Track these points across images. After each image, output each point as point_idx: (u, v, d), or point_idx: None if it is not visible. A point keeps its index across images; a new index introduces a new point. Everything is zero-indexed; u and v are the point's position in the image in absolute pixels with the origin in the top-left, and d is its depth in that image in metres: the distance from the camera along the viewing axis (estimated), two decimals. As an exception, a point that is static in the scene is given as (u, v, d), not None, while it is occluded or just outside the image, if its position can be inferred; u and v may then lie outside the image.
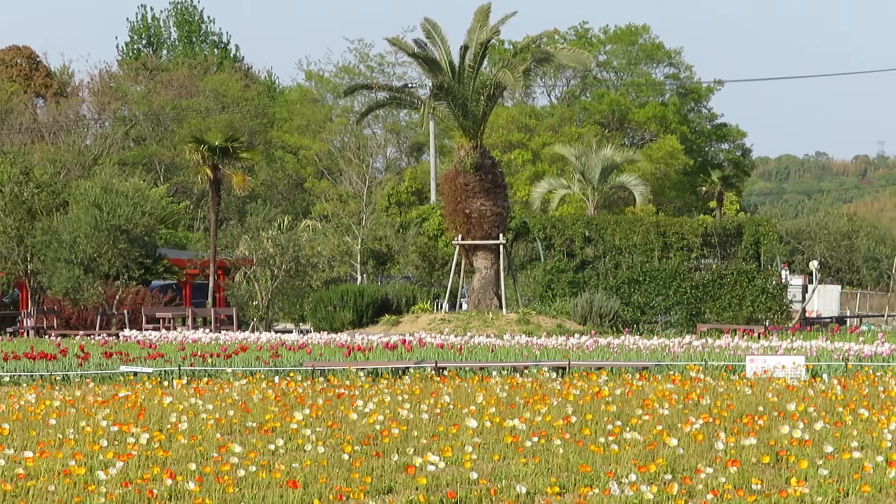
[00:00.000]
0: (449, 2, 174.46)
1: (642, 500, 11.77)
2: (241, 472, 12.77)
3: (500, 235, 46.97)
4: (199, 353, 32.34)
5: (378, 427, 16.60)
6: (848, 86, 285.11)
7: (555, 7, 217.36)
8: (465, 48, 46.79)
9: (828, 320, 54.09)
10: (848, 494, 12.23)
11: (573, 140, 69.25)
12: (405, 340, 36.52)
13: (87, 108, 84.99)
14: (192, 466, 13.20)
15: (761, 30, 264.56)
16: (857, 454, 13.79)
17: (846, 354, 29.93)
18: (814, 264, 62.41)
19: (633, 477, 12.60)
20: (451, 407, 18.91)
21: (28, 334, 48.61)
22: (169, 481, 12.27)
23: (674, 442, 14.88)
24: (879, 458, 13.58)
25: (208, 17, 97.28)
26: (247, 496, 11.95)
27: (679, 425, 16.42)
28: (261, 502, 11.81)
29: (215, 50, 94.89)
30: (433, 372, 26.98)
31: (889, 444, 14.55)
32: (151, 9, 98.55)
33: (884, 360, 28.84)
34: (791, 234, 65.64)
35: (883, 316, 59.08)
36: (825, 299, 61.34)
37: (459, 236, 47.32)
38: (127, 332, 46.68)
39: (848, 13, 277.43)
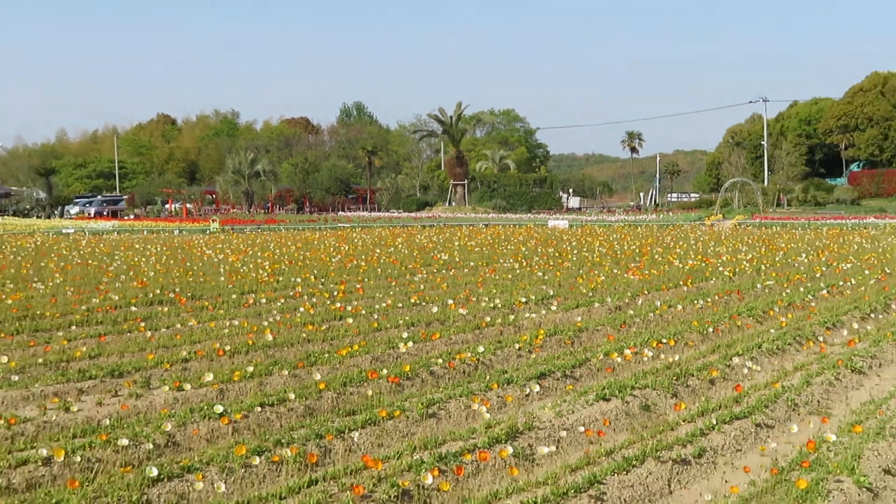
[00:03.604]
0: (454, 89, 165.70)
1: (513, 268, 11.64)
2: (382, 259, 12.52)
3: (465, 180, 46.51)
4: (364, 220, 32.14)
5: (425, 243, 16.47)
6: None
7: (484, 98, 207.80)
8: (452, 117, 46.05)
9: (576, 209, 53.71)
10: (583, 267, 12.12)
11: (490, 148, 68.20)
12: (434, 215, 36.36)
13: (325, 138, 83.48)
14: (363, 256, 13.02)
15: (562, 97, 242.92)
16: (586, 254, 13.70)
17: (582, 221, 29.75)
18: (571, 190, 61.82)
19: (511, 260, 12.50)
20: (448, 237, 18.76)
21: (306, 213, 48.48)
22: (355, 262, 12.07)
23: (524, 248, 14.75)
24: (600, 259, 13.42)
25: (365, 106, 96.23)
26: (381, 265, 11.73)
27: (527, 243, 16.29)
28: (384, 266, 11.42)
29: (368, 117, 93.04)
30: (442, 225, 26.83)
31: (595, 254, 14.41)
32: (347, 103, 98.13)
33: (595, 223, 28.69)
34: (563, 180, 64.70)
35: (593, 208, 58.82)
36: (574, 201, 60.81)
37: (452, 180, 46.91)
38: (340, 213, 46.62)
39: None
